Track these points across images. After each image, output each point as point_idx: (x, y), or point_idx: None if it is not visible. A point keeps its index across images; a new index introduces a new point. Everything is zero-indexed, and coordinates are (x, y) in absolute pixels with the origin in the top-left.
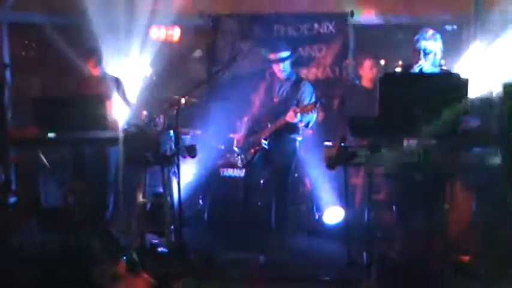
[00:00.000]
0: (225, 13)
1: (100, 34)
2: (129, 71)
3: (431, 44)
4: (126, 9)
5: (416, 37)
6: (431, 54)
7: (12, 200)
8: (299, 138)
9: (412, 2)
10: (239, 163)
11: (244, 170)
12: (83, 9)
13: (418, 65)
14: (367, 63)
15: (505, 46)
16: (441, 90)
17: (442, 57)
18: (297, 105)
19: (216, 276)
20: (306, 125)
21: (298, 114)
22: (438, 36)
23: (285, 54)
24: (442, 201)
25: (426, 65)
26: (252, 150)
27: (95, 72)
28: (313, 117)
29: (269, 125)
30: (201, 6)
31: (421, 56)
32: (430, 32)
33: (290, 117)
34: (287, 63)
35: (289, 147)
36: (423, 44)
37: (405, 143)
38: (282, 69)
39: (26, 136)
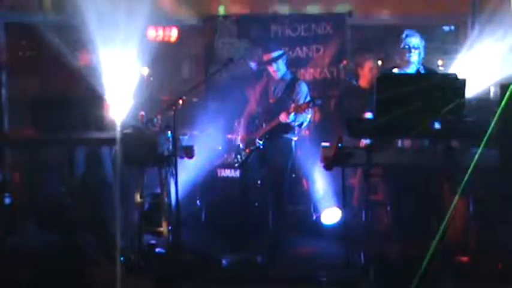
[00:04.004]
0: (222, 13)
1: (96, 34)
2: (126, 72)
3: (417, 39)
4: (124, 10)
5: (402, 35)
6: (417, 50)
7: (8, 200)
8: (294, 138)
9: (409, 2)
10: (235, 162)
11: (240, 171)
12: (79, 9)
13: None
14: (368, 64)
15: (502, 46)
16: (438, 90)
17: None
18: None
19: (213, 277)
20: (300, 125)
21: (292, 114)
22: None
23: (276, 53)
24: (439, 201)
25: (413, 64)
26: (247, 150)
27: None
28: (306, 117)
29: (264, 125)
30: (199, 7)
31: (411, 52)
32: (413, 31)
33: (283, 117)
34: (280, 62)
35: (285, 147)
36: (410, 40)
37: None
38: (276, 69)
39: (23, 137)
